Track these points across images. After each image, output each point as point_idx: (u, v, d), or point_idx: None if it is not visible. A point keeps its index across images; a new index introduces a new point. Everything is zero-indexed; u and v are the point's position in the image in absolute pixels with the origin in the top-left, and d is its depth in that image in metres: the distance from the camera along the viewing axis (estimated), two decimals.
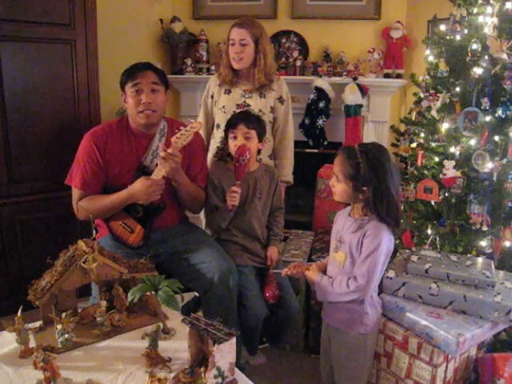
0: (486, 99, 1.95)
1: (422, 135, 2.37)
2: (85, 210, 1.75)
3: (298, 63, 3.15)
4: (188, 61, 3.22)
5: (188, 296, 1.99)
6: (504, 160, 1.93)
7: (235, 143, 1.88)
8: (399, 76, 3.08)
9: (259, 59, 2.09)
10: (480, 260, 1.81)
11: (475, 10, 2.09)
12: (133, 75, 1.77)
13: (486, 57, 1.95)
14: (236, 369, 1.15)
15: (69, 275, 1.36)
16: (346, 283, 1.44)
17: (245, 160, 1.80)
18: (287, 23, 3.25)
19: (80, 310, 1.45)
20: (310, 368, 2.07)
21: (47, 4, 2.27)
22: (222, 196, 1.92)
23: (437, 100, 2.25)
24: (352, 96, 2.96)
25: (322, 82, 2.97)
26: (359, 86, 2.95)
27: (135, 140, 1.85)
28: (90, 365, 1.23)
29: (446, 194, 2.10)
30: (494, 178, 1.95)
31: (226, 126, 1.96)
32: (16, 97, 2.27)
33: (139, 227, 1.81)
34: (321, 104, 2.97)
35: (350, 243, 1.47)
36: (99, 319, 1.38)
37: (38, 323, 1.40)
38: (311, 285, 1.59)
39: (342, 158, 1.45)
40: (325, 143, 3.08)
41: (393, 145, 3.03)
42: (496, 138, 1.96)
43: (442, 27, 2.32)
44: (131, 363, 1.23)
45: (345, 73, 3.08)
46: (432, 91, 2.30)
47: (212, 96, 2.23)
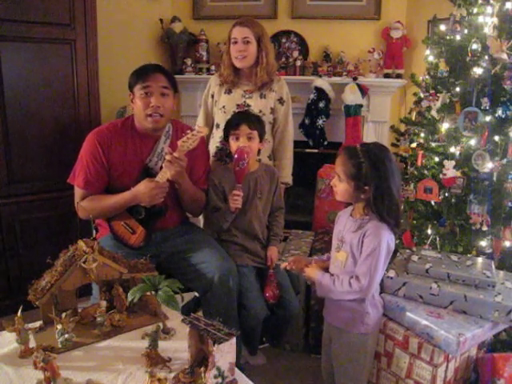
0: (486, 99, 1.95)
1: (422, 135, 2.37)
2: (86, 210, 1.76)
3: (298, 63, 3.15)
4: (188, 61, 3.22)
5: (188, 296, 1.98)
6: (504, 160, 1.93)
7: (237, 144, 1.87)
8: (399, 76, 3.08)
9: (262, 57, 2.09)
10: (480, 260, 1.81)
11: (475, 10, 2.10)
12: (143, 77, 1.75)
13: (486, 57, 1.95)
14: (236, 369, 1.15)
15: (69, 275, 1.36)
16: (348, 282, 1.45)
17: (244, 164, 1.79)
18: (287, 23, 3.25)
19: (80, 310, 1.45)
20: (310, 368, 2.07)
21: (47, 4, 2.27)
22: (223, 196, 1.92)
23: (437, 100, 2.25)
24: (352, 96, 2.95)
25: (322, 82, 2.97)
26: (359, 86, 2.95)
27: (140, 141, 1.84)
28: (90, 365, 1.23)
29: (446, 194, 2.10)
30: (494, 178, 1.95)
31: (227, 127, 1.94)
32: (16, 97, 2.27)
33: (141, 228, 1.81)
34: (321, 104, 2.97)
35: (351, 243, 1.47)
36: (99, 319, 1.37)
37: (38, 323, 1.40)
38: (309, 281, 1.59)
39: (344, 158, 1.46)
40: (325, 143, 3.08)
41: (393, 145, 3.03)
42: (496, 138, 1.96)
43: (442, 27, 2.32)
44: (131, 363, 1.23)
45: (345, 73, 3.08)
46: (432, 91, 2.30)
47: (212, 95, 2.23)
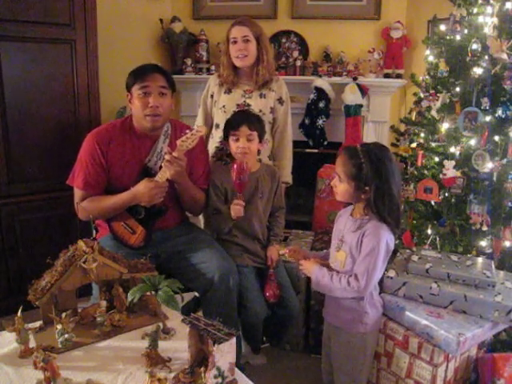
0: (486, 99, 1.95)
1: (422, 135, 2.37)
2: (86, 211, 1.75)
3: (298, 63, 3.15)
4: (188, 61, 3.22)
5: (188, 296, 1.98)
6: (504, 160, 1.93)
7: (237, 145, 1.87)
8: (399, 76, 3.08)
9: (262, 55, 2.09)
10: (480, 260, 1.81)
11: (475, 10, 2.10)
12: (141, 77, 1.75)
13: (486, 57, 1.95)
14: (236, 369, 1.15)
15: (69, 275, 1.36)
16: (347, 280, 1.45)
17: (245, 177, 1.79)
18: (287, 23, 3.25)
19: (80, 310, 1.45)
20: (310, 368, 2.07)
21: (47, 4, 2.27)
22: (224, 198, 1.92)
23: (437, 100, 2.25)
24: (352, 96, 2.95)
25: (322, 82, 2.97)
26: (359, 86, 2.95)
27: (139, 141, 1.84)
28: (90, 365, 1.23)
29: (446, 194, 2.10)
30: (494, 178, 1.95)
31: (227, 127, 1.94)
32: (16, 97, 2.27)
33: (141, 228, 1.81)
34: (321, 104, 2.97)
35: (351, 243, 1.47)
36: (99, 319, 1.37)
37: (38, 323, 1.39)
38: (303, 274, 1.60)
39: (344, 158, 1.46)
40: (325, 143, 3.08)
41: (393, 145, 3.02)
42: (496, 138, 1.96)
43: (442, 27, 2.32)
44: (131, 363, 1.23)
45: (345, 73, 3.08)
46: (432, 91, 2.30)
47: (212, 96, 2.23)
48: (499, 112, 1.97)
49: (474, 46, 1.98)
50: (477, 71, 1.96)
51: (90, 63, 2.46)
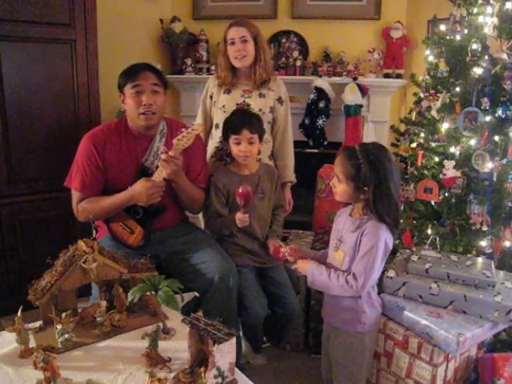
0: (486, 99, 1.95)
1: (422, 135, 2.37)
2: (86, 211, 1.75)
3: (298, 63, 3.15)
4: (188, 61, 3.22)
5: (188, 296, 1.98)
6: (504, 160, 1.93)
7: (239, 148, 1.87)
8: (399, 76, 3.08)
9: (260, 55, 2.10)
10: (480, 260, 1.81)
11: (475, 10, 2.10)
12: (133, 76, 1.76)
13: (486, 57, 1.95)
14: (236, 369, 1.15)
15: (69, 275, 1.36)
16: (345, 278, 1.45)
17: (250, 204, 1.78)
18: (287, 23, 3.25)
19: (80, 310, 1.45)
20: (310, 368, 2.07)
21: (47, 4, 2.27)
22: (225, 199, 1.92)
23: (437, 100, 2.25)
24: (352, 96, 2.96)
25: (322, 82, 2.97)
26: (359, 86, 2.95)
27: (134, 141, 1.84)
28: (90, 365, 1.23)
29: (446, 194, 2.10)
30: (494, 178, 1.95)
31: (227, 128, 1.93)
32: (16, 97, 2.27)
33: (139, 228, 1.81)
34: (321, 104, 2.97)
35: (350, 243, 1.47)
36: (99, 319, 1.37)
37: (38, 323, 1.39)
38: (298, 273, 1.59)
39: (343, 159, 1.46)
40: (325, 143, 3.08)
41: (393, 145, 3.03)
42: (496, 138, 1.97)
43: (442, 27, 2.32)
44: (131, 363, 1.23)
45: (345, 73, 3.08)
46: (432, 91, 2.30)
47: (211, 96, 2.22)
48: (499, 112, 1.97)
49: (474, 46, 1.98)
50: (477, 71, 1.96)
51: (90, 63, 2.46)
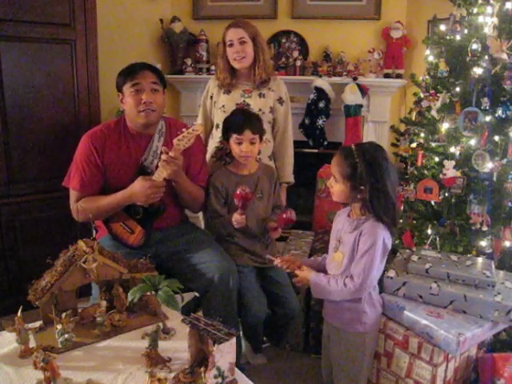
0: (486, 99, 1.95)
1: (422, 135, 2.37)
2: (85, 210, 1.75)
3: (298, 63, 3.16)
4: (188, 61, 3.23)
5: (188, 296, 1.98)
6: (504, 160, 1.94)
7: (240, 149, 1.86)
8: (399, 76, 3.08)
9: (259, 56, 2.10)
10: (480, 260, 1.81)
11: (475, 10, 2.10)
12: (132, 75, 1.76)
13: (486, 57, 1.95)
14: (236, 369, 1.15)
15: (69, 275, 1.36)
16: (343, 282, 1.45)
17: (247, 205, 1.79)
18: (287, 23, 3.25)
19: (80, 310, 1.45)
20: (310, 368, 2.07)
21: (47, 4, 2.27)
22: (224, 199, 1.92)
23: (437, 100, 2.25)
24: (352, 96, 2.96)
25: (322, 82, 2.97)
26: (359, 86, 2.96)
27: (133, 141, 1.84)
28: (90, 365, 1.23)
29: (446, 194, 2.10)
30: (494, 178, 1.95)
31: (229, 128, 1.92)
32: (16, 97, 2.27)
33: (139, 228, 1.81)
34: (321, 104, 2.97)
35: (348, 244, 1.47)
36: (99, 319, 1.37)
37: (38, 323, 1.39)
38: (299, 286, 1.59)
39: (339, 159, 1.46)
40: (325, 143, 3.08)
41: (393, 145, 3.03)
42: (496, 138, 1.97)
43: (442, 27, 2.32)
44: (131, 363, 1.23)
45: (345, 73, 3.08)
46: (432, 91, 2.30)
47: (211, 97, 2.22)
48: (499, 112, 1.97)
49: (474, 46, 1.98)
50: (477, 71, 1.96)
51: (90, 63, 2.46)
